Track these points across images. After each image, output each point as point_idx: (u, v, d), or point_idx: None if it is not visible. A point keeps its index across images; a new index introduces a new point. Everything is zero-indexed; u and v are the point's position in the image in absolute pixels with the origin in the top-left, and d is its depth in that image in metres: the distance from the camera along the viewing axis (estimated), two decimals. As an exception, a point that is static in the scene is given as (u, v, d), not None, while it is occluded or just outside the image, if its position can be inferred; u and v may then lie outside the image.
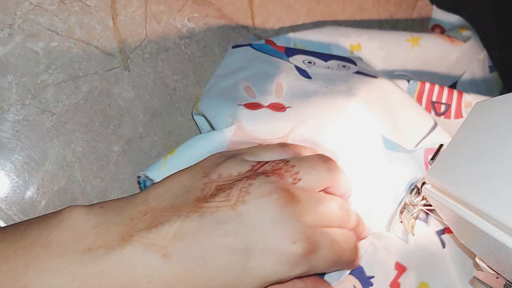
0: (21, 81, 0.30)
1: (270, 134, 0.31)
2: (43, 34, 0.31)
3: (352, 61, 0.39)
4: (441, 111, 0.41)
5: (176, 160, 0.30)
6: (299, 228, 0.22)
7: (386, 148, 0.33)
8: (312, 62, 0.38)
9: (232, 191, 0.22)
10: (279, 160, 0.26)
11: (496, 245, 0.24)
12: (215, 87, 0.37)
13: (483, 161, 0.25)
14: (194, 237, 0.20)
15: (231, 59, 0.38)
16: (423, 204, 0.32)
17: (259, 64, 0.36)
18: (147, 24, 0.36)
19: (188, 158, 0.29)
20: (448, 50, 0.49)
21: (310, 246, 0.22)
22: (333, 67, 0.37)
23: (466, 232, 0.27)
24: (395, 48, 0.45)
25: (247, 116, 0.31)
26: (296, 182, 0.25)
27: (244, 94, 0.34)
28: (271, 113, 0.32)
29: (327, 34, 0.43)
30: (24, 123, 0.30)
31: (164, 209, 0.22)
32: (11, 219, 0.30)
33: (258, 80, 0.35)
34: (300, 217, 0.23)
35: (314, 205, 0.24)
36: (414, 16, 0.59)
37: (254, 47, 0.39)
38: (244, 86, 0.34)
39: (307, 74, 0.36)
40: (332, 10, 0.50)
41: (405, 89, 0.40)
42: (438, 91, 0.40)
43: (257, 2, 0.43)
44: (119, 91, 0.35)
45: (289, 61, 0.37)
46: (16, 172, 0.30)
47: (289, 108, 0.32)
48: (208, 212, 0.21)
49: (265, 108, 0.32)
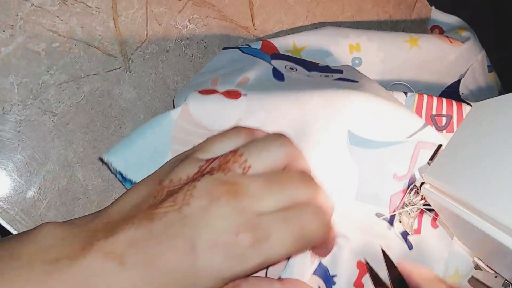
0: (22, 81, 0.30)
1: (214, 123, 0.31)
2: (45, 35, 0.31)
3: (340, 70, 0.38)
4: (442, 125, 0.39)
5: (127, 141, 0.30)
6: (242, 220, 0.23)
7: (350, 144, 0.32)
8: (294, 68, 0.37)
9: (178, 196, 0.23)
10: (228, 152, 0.26)
11: (494, 244, 0.24)
12: (190, 83, 0.37)
13: (481, 161, 0.25)
14: (145, 244, 0.21)
15: (216, 61, 0.39)
16: (422, 204, 0.32)
17: (236, 64, 0.37)
18: (148, 25, 0.36)
19: (136, 137, 0.30)
20: (447, 51, 0.49)
21: (256, 235, 0.22)
22: (314, 76, 0.37)
23: (464, 231, 0.28)
24: (394, 49, 0.46)
25: (196, 100, 0.31)
26: (246, 171, 0.25)
27: (209, 83, 0.34)
28: (222, 99, 0.31)
29: (326, 35, 0.43)
30: (25, 123, 0.31)
31: (121, 219, 0.23)
32: (13, 219, 0.30)
33: (227, 75, 0.35)
34: (246, 208, 0.23)
35: (267, 190, 0.24)
36: (413, 17, 0.59)
37: (242, 49, 0.39)
38: (212, 79, 0.34)
39: (282, 77, 0.35)
40: (332, 11, 0.50)
41: (403, 102, 0.39)
42: (437, 103, 0.40)
43: (257, 4, 0.43)
44: (120, 92, 0.35)
45: (271, 63, 0.37)
46: (18, 172, 0.31)
47: (243, 96, 0.31)
48: (157, 218, 0.22)
49: (218, 94, 0.31)
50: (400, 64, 0.46)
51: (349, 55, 0.44)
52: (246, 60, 0.37)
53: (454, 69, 0.51)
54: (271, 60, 0.37)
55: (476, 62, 0.53)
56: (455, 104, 0.40)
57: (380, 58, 0.45)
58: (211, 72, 0.37)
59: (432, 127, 0.34)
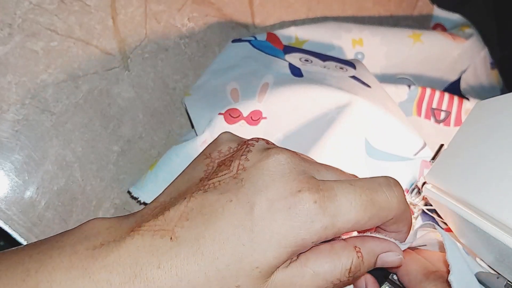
0: (20, 80, 0.30)
1: None
2: (43, 34, 0.31)
3: (352, 64, 0.39)
4: (440, 118, 0.41)
5: (153, 176, 0.32)
6: (303, 178, 0.20)
7: (368, 155, 0.33)
8: (309, 60, 0.38)
9: (233, 162, 0.22)
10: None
11: (496, 245, 0.23)
12: (205, 85, 0.37)
13: (483, 161, 0.25)
14: (199, 213, 0.20)
15: (227, 55, 0.39)
16: (423, 204, 0.32)
17: (251, 63, 0.37)
18: (147, 24, 0.36)
19: (165, 174, 0.31)
20: (450, 47, 0.49)
21: (320, 193, 0.20)
22: (330, 67, 0.37)
23: (466, 232, 0.27)
24: (397, 43, 0.45)
25: (222, 130, 0.31)
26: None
27: (229, 98, 0.34)
28: (245, 128, 0.32)
29: (328, 29, 0.43)
30: (23, 122, 0.30)
31: (171, 199, 0.22)
32: (11, 219, 0.30)
33: (245, 80, 0.35)
34: (306, 170, 0.21)
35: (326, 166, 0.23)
36: (414, 15, 0.59)
37: (252, 43, 0.39)
38: (231, 88, 0.35)
39: (300, 73, 0.36)
40: (332, 10, 0.49)
41: (406, 95, 0.40)
42: (438, 98, 0.40)
43: (257, 2, 0.43)
44: (119, 91, 0.35)
45: (285, 58, 0.37)
46: (15, 172, 0.30)
47: (263, 120, 0.33)
48: (212, 187, 0.21)
49: (242, 121, 0.33)
50: (403, 59, 0.47)
51: (352, 50, 0.44)
52: (261, 60, 0.37)
53: (456, 66, 0.51)
54: (284, 55, 0.37)
55: (478, 59, 0.53)
56: (457, 99, 0.40)
57: (383, 52, 0.45)
58: (225, 71, 0.37)
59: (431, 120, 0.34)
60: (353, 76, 0.36)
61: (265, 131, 0.33)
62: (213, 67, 0.38)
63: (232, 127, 0.32)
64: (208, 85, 0.37)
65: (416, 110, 0.41)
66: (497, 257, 0.25)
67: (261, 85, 0.34)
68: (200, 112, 0.34)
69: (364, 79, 0.36)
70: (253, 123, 0.33)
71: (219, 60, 0.39)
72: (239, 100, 0.34)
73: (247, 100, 0.34)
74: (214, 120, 0.32)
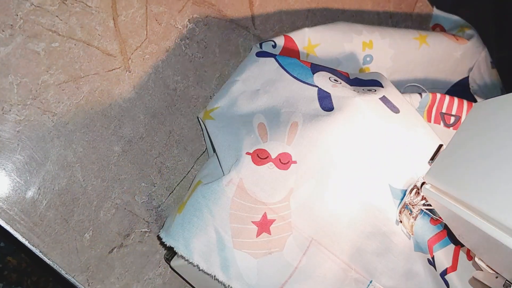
0: (22, 81, 0.30)
1: (269, 196, 0.32)
2: (44, 35, 0.31)
3: (379, 82, 0.38)
4: (450, 122, 0.41)
5: (181, 219, 0.32)
6: None
7: (394, 198, 0.33)
8: (338, 81, 0.37)
9: None
10: None
11: (495, 244, 0.24)
12: (230, 111, 0.36)
13: (482, 161, 0.25)
14: None
15: (252, 71, 0.38)
16: (423, 204, 0.32)
17: (280, 91, 0.36)
18: (148, 25, 0.36)
19: (192, 217, 0.32)
20: (453, 48, 0.50)
21: None
22: (359, 91, 0.36)
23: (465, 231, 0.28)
24: (404, 46, 0.46)
25: (249, 172, 0.32)
26: None
27: (256, 134, 0.34)
28: (274, 171, 0.32)
29: (340, 31, 0.43)
30: (25, 123, 0.31)
31: None
32: (12, 219, 0.30)
33: (273, 115, 0.35)
34: None
35: None
36: (413, 17, 0.59)
37: (278, 60, 0.38)
38: (258, 122, 0.34)
39: (330, 104, 0.35)
40: (332, 11, 0.50)
41: (418, 103, 0.41)
42: (448, 102, 0.41)
43: (257, 3, 0.43)
44: (119, 92, 0.35)
45: (313, 81, 0.36)
46: (17, 172, 0.31)
47: (293, 164, 0.32)
48: None
49: (270, 163, 0.32)
50: (410, 62, 0.47)
51: (361, 52, 0.44)
52: (289, 87, 0.36)
53: (459, 66, 0.52)
54: (312, 75, 0.37)
55: (480, 59, 0.54)
56: (466, 104, 0.41)
57: (390, 55, 0.46)
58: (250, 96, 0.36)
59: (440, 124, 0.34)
60: (383, 97, 0.36)
61: (296, 177, 0.32)
62: (237, 86, 0.37)
63: (260, 168, 0.32)
64: (233, 112, 0.36)
65: (426, 116, 0.42)
66: (496, 256, 0.26)
67: (290, 125, 0.34)
68: (226, 150, 0.34)
69: (393, 100, 0.36)
70: (282, 166, 0.32)
71: (245, 77, 0.38)
72: (267, 138, 0.33)
73: (276, 141, 0.33)
74: (241, 159, 0.32)
